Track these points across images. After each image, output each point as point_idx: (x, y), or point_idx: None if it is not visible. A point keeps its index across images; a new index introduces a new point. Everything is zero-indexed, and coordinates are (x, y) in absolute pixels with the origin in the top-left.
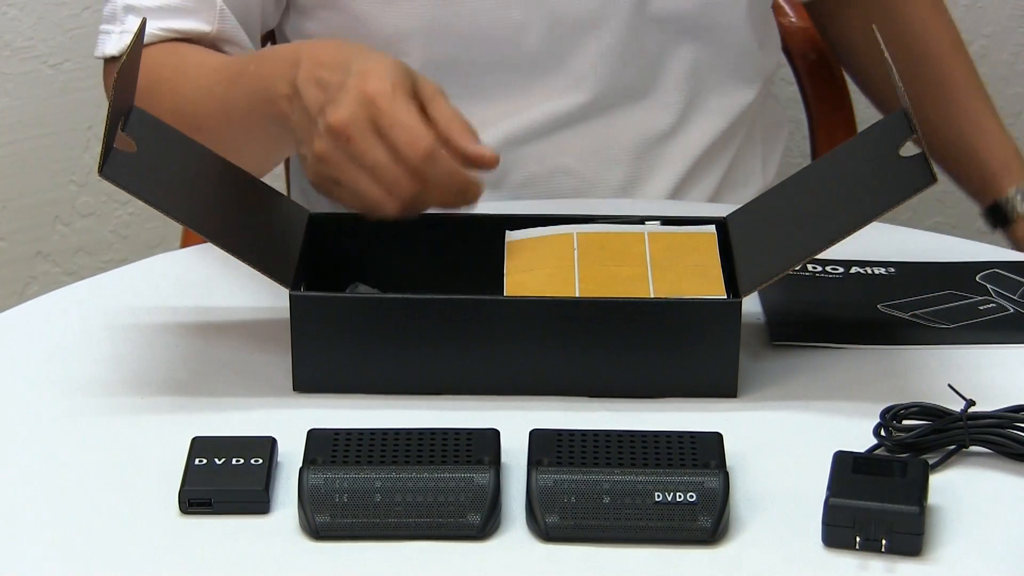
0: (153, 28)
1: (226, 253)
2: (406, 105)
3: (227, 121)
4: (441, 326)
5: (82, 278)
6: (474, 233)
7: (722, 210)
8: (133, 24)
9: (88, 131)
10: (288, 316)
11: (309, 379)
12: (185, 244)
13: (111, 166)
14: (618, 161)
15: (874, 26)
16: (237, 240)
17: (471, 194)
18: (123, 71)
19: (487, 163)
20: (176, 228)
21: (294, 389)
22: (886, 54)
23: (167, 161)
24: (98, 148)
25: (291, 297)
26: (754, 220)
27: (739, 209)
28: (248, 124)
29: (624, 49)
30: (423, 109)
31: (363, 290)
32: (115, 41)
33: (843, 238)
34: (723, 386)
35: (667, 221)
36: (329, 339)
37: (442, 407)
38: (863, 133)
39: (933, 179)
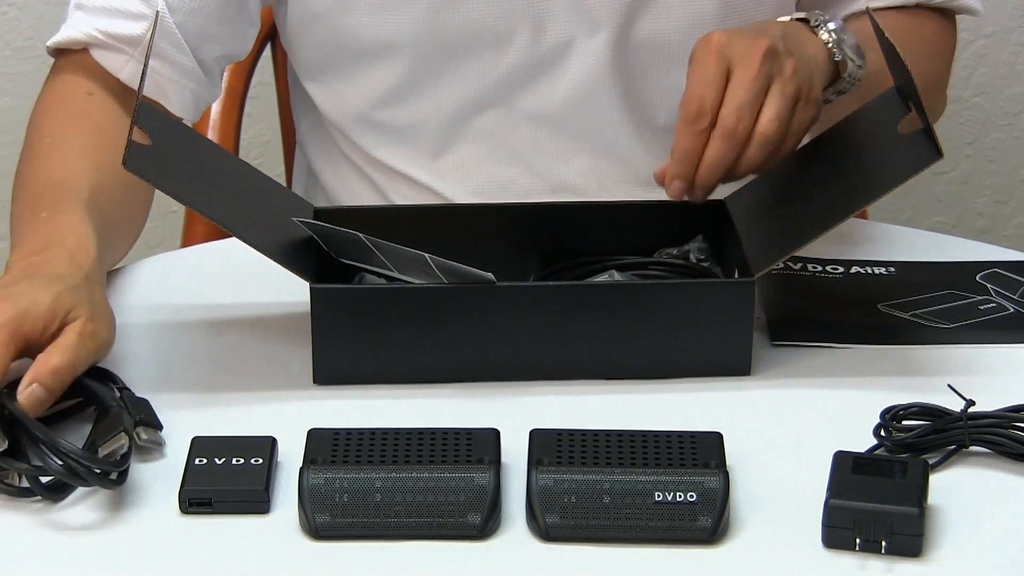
0: (91, 28)
1: (241, 247)
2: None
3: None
4: (461, 314)
5: None
6: (475, 223)
7: (719, 192)
8: (76, 21)
9: None
10: (290, 312)
11: (329, 371)
12: (185, 244)
13: (132, 158)
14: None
15: (868, 8)
16: (256, 234)
17: None
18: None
19: None
20: (176, 228)
21: (314, 382)
22: (886, 35)
23: (181, 154)
24: None
25: (312, 290)
26: (754, 201)
27: (738, 190)
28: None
29: (609, 69)
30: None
31: (369, 281)
32: (58, 33)
33: (852, 215)
34: (737, 365)
35: (667, 204)
36: (349, 331)
37: (447, 395)
38: (858, 112)
39: (939, 154)
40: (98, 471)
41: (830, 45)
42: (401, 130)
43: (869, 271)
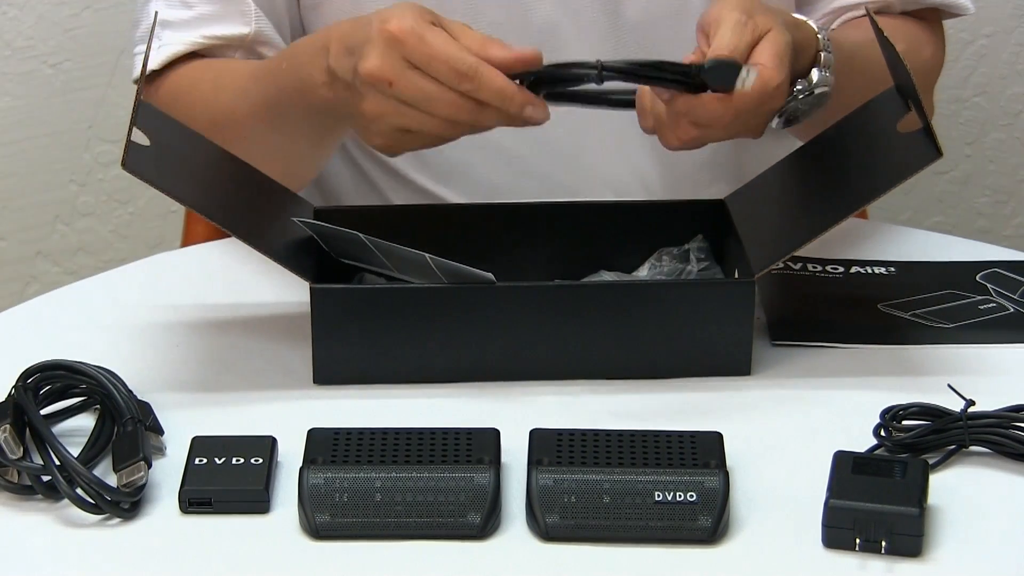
0: (194, 37)
1: (241, 247)
2: (433, 33)
3: (269, 121)
4: (461, 314)
5: (82, 278)
6: (475, 223)
7: (719, 191)
8: (171, 38)
9: (88, 131)
10: (290, 312)
11: (329, 371)
12: (185, 244)
13: (132, 158)
14: (604, 179)
15: (867, 6)
16: (256, 234)
17: (532, 112)
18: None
19: (530, 61)
20: (176, 228)
21: (314, 382)
22: (884, 34)
23: (181, 154)
24: (98, 148)
25: (312, 290)
26: (754, 201)
27: (738, 190)
28: (291, 120)
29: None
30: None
31: (369, 280)
32: (154, 55)
33: (852, 214)
34: (737, 365)
35: (666, 204)
36: (349, 331)
37: (447, 395)
38: (857, 112)
39: (939, 153)
40: (110, 500)
41: (814, 80)
42: None
43: (869, 271)
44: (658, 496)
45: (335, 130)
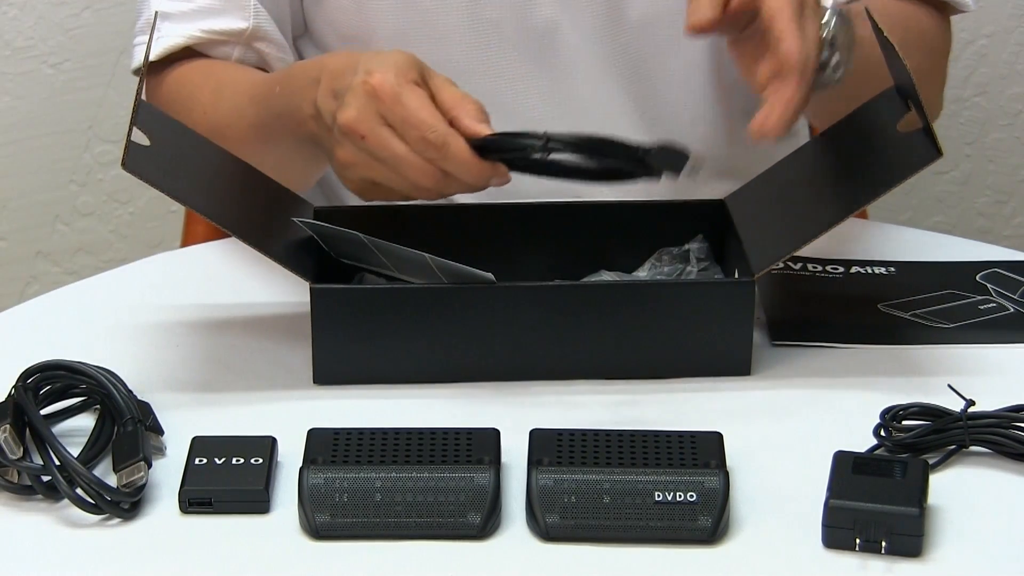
0: (192, 31)
1: (241, 247)
2: (412, 95)
3: (262, 142)
4: (461, 314)
5: (82, 278)
6: (475, 223)
7: (719, 191)
8: (169, 31)
9: (88, 131)
10: (290, 312)
11: (329, 371)
12: (185, 244)
13: (132, 158)
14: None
15: (867, 8)
16: (256, 234)
17: (496, 183)
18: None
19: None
20: (176, 228)
21: (314, 382)
22: (885, 34)
23: (181, 154)
24: (98, 148)
25: (312, 290)
26: (754, 200)
27: (738, 190)
28: (285, 144)
29: (601, 56)
30: (433, 97)
31: (369, 280)
32: (153, 47)
33: (851, 215)
34: (737, 365)
35: (666, 204)
36: (349, 331)
37: (447, 395)
38: (857, 111)
39: (939, 153)
40: (110, 500)
41: (824, 33)
42: None
43: (869, 271)
44: (658, 496)
45: (323, 160)
